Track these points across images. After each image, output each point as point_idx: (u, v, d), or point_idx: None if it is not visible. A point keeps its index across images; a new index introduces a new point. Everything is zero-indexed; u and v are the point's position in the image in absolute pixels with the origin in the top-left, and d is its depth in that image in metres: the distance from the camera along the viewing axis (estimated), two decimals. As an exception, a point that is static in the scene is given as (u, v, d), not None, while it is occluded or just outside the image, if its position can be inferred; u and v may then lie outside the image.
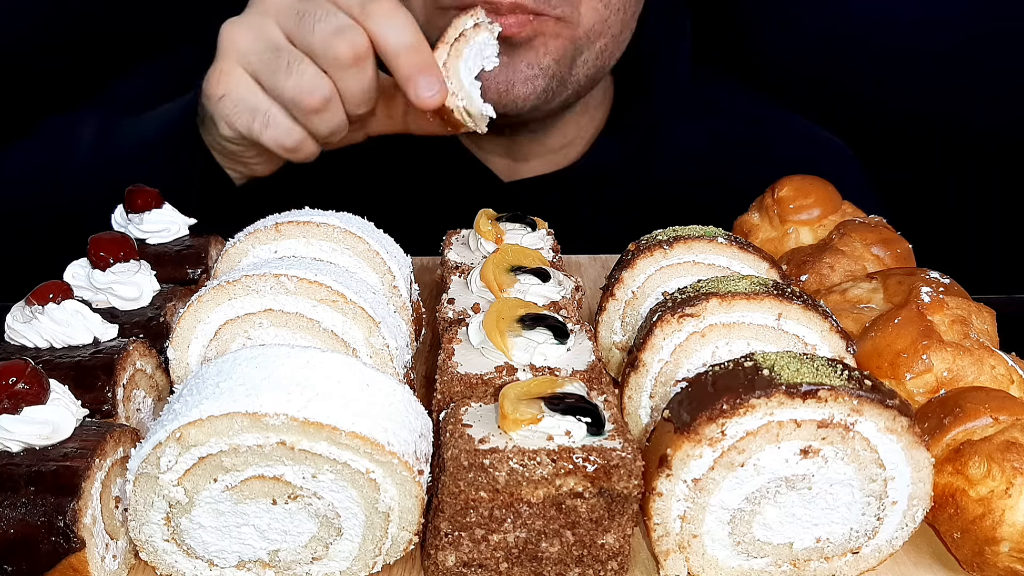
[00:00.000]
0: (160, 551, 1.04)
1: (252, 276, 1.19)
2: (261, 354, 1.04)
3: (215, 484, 1.00)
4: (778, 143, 2.25)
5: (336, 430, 0.96)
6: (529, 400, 1.03)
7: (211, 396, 0.98)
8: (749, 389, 1.01)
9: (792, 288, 1.24)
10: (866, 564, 1.10)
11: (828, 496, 1.05)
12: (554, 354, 1.17)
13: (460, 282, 1.41)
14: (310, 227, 1.33)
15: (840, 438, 1.02)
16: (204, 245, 1.51)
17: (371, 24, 1.53)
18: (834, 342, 1.21)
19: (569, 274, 1.43)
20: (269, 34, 1.56)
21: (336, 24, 1.53)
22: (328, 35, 1.52)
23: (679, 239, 1.37)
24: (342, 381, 1.01)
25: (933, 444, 1.11)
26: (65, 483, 0.97)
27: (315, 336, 1.20)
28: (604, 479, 1.00)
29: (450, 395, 1.14)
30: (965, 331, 1.28)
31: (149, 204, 1.51)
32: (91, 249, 1.33)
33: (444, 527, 1.02)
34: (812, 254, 1.54)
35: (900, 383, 1.23)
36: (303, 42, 1.55)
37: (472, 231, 1.55)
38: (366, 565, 1.06)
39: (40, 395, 1.03)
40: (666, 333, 1.21)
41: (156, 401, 1.25)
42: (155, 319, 1.29)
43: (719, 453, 1.02)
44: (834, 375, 1.03)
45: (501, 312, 1.20)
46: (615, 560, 1.05)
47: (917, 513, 1.08)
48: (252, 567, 1.06)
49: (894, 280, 1.38)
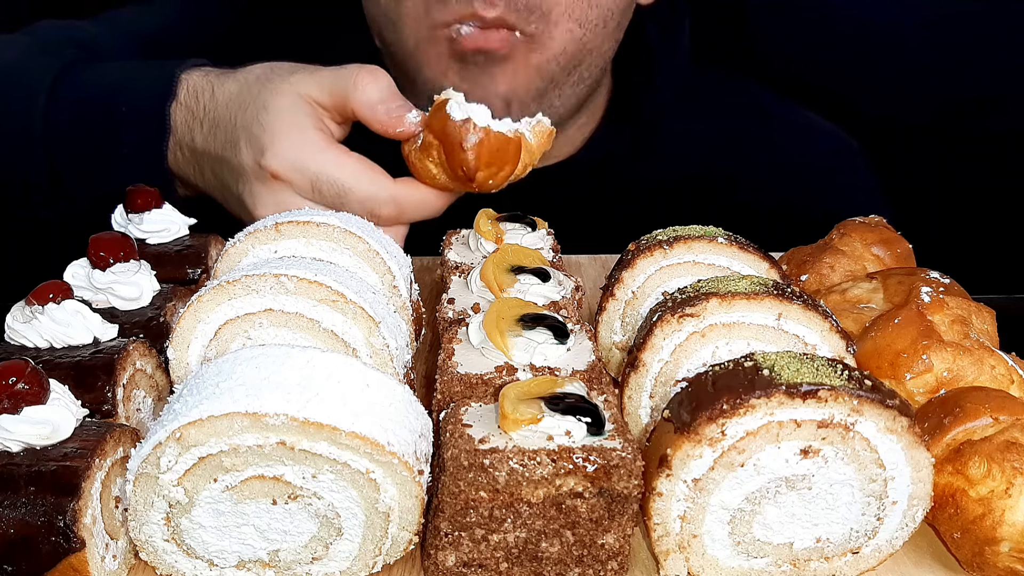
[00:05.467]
0: (160, 551, 1.04)
1: (252, 276, 1.19)
2: (261, 354, 1.04)
3: (215, 484, 1.00)
4: (780, 136, 2.24)
5: (336, 430, 0.96)
6: (529, 400, 1.03)
7: (211, 396, 0.98)
8: (749, 389, 1.01)
9: (792, 288, 1.24)
10: (866, 564, 1.10)
11: (828, 496, 1.05)
12: (554, 354, 1.17)
13: (460, 282, 1.41)
14: (310, 227, 1.33)
15: (840, 438, 1.02)
16: (204, 245, 1.51)
17: (403, 221, 1.57)
18: (834, 342, 1.21)
19: (569, 274, 1.43)
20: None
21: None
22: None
23: (679, 239, 1.37)
24: (342, 381, 1.01)
25: (933, 444, 1.11)
26: (65, 483, 0.97)
27: (315, 336, 1.20)
28: (604, 479, 1.00)
29: (450, 395, 1.14)
30: (965, 331, 1.28)
31: (149, 204, 1.51)
32: (91, 249, 1.33)
33: (444, 527, 1.02)
34: (812, 254, 1.54)
35: (900, 383, 1.23)
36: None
37: (472, 231, 1.55)
38: (366, 565, 1.06)
39: (40, 395, 1.03)
40: (666, 333, 1.21)
41: (156, 401, 1.25)
42: (155, 319, 1.29)
43: (719, 453, 1.02)
44: (834, 375, 1.03)
45: (501, 312, 1.20)
46: (615, 560, 1.05)
47: (917, 513, 1.08)
48: (252, 567, 1.06)
49: (894, 280, 1.38)
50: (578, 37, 1.86)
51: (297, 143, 1.52)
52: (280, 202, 1.53)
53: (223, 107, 1.63)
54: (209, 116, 1.64)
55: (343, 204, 1.52)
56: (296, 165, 1.52)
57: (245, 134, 1.56)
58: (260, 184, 1.54)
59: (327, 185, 1.52)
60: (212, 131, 1.63)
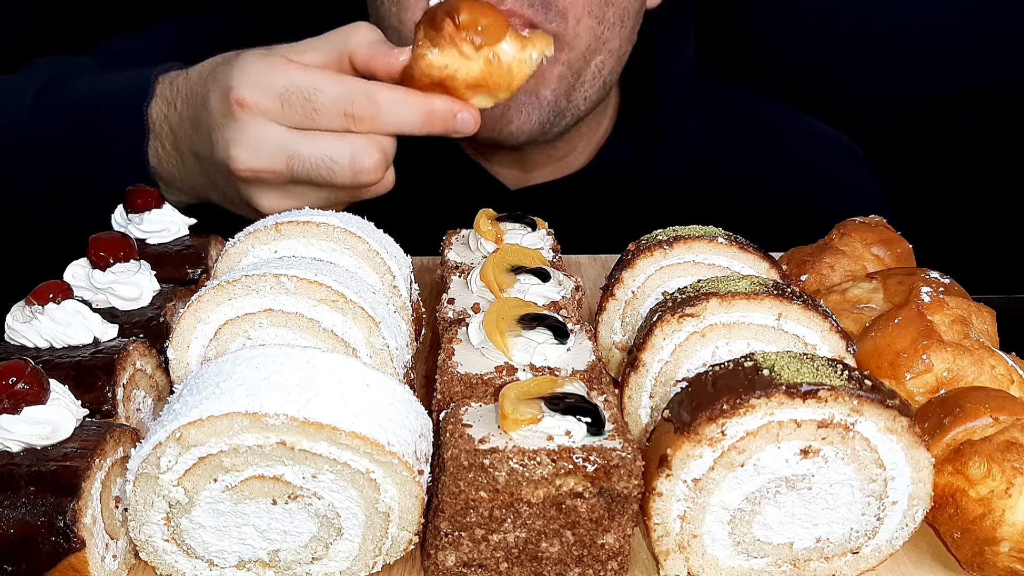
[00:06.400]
0: (160, 551, 1.04)
1: (252, 276, 1.19)
2: (261, 354, 1.04)
3: (215, 484, 1.00)
4: (784, 141, 2.24)
5: (336, 430, 0.96)
6: (529, 400, 1.03)
7: (211, 396, 0.98)
8: (749, 389, 1.01)
9: (792, 288, 1.24)
10: (866, 564, 1.10)
11: (828, 496, 1.05)
12: (554, 354, 1.17)
13: (460, 282, 1.41)
14: (310, 227, 1.33)
15: (840, 438, 1.02)
16: (204, 245, 1.51)
17: (380, 125, 1.49)
18: (834, 342, 1.21)
19: (569, 274, 1.43)
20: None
21: (347, 152, 1.49)
22: (335, 169, 1.49)
23: (679, 239, 1.37)
24: (342, 381, 1.01)
25: (933, 444, 1.11)
26: (65, 483, 0.97)
27: (315, 336, 1.20)
28: (604, 479, 1.00)
29: (450, 395, 1.14)
30: (965, 331, 1.28)
31: (149, 204, 1.51)
32: (91, 249, 1.33)
33: (444, 527, 1.02)
34: (812, 254, 1.54)
35: (900, 383, 1.23)
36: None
37: (472, 231, 1.55)
38: (366, 565, 1.06)
39: (40, 395, 1.03)
40: (666, 333, 1.21)
41: (156, 401, 1.25)
42: (155, 319, 1.29)
43: (719, 453, 1.02)
44: (834, 375, 1.03)
45: (501, 312, 1.20)
46: (615, 560, 1.05)
47: (917, 513, 1.08)
48: (252, 567, 1.06)
49: (894, 280, 1.38)
50: (598, 35, 1.86)
51: (261, 67, 1.49)
52: (250, 137, 1.48)
53: (195, 78, 1.62)
54: (182, 93, 1.63)
55: (315, 114, 1.47)
56: (261, 85, 1.47)
57: (214, 84, 1.53)
58: (229, 122, 1.50)
59: (296, 95, 1.46)
60: (185, 103, 1.62)
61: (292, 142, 1.49)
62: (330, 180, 1.50)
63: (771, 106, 2.31)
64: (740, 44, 2.49)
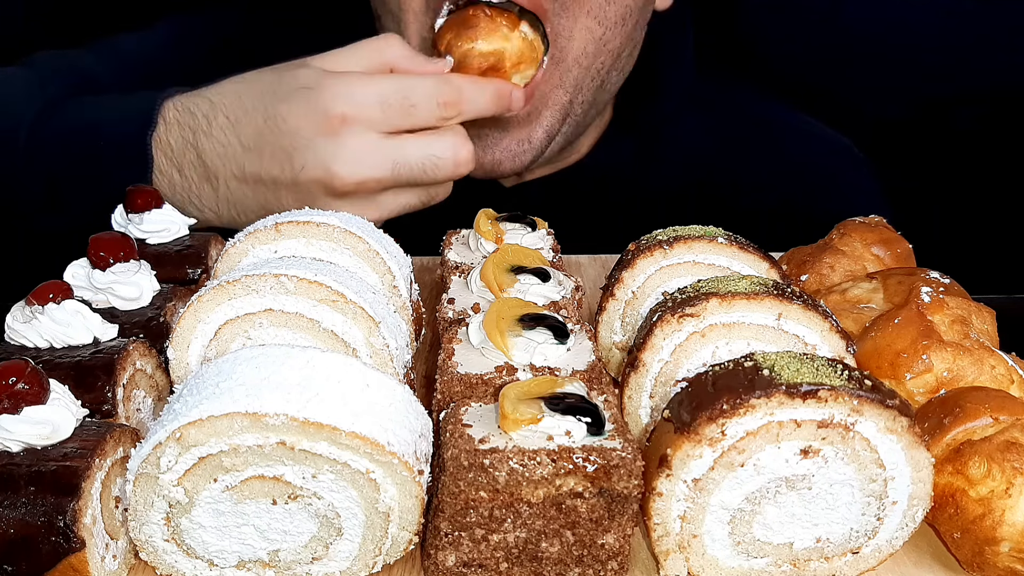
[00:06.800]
0: (160, 551, 1.04)
1: (252, 276, 1.19)
2: (261, 354, 1.04)
3: (215, 484, 1.00)
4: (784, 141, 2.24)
5: (336, 430, 0.96)
6: (529, 400, 1.03)
7: (211, 396, 0.98)
8: (749, 389, 1.01)
9: (792, 288, 1.24)
10: (866, 564, 1.10)
11: (828, 496, 1.05)
12: (554, 354, 1.17)
13: (460, 282, 1.41)
14: (310, 227, 1.33)
15: (840, 438, 1.02)
16: (204, 245, 1.51)
17: (464, 111, 1.59)
18: (834, 342, 1.21)
19: (569, 274, 1.43)
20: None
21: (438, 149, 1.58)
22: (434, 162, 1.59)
23: (679, 239, 1.37)
24: (342, 381, 1.01)
25: (933, 444, 1.11)
26: (65, 483, 0.97)
27: (315, 336, 1.20)
28: (604, 479, 1.00)
29: (450, 395, 1.14)
30: (965, 331, 1.28)
31: (149, 204, 1.51)
32: (91, 249, 1.33)
33: (444, 527, 1.02)
34: (812, 254, 1.54)
35: (900, 383, 1.23)
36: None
37: (472, 231, 1.55)
38: (366, 565, 1.06)
39: (40, 395, 1.03)
40: (666, 333, 1.21)
41: (156, 401, 1.25)
42: (155, 319, 1.29)
43: (719, 453, 1.02)
44: (834, 375, 1.03)
45: (501, 312, 1.20)
46: (615, 560, 1.05)
47: (917, 513, 1.08)
48: (252, 567, 1.06)
49: (894, 280, 1.38)
50: (597, 36, 1.83)
51: (344, 82, 1.55)
52: (353, 151, 1.54)
53: (248, 102, 1.61)
54: (229, 118, 1.62)
55: (413, 110, 1.55)
56: (356, 97, 1.54)
57: (296, 106, 1.55)
58: (328, 139, 1.54)
59: (393, 97, 1.54)
60: (234, 128, 1.61)
61: (395, 147, 1.56)
62: (433, 177, 1.58)
63: (771, 106, 2.31)
64: (740, 44, 2.49)
